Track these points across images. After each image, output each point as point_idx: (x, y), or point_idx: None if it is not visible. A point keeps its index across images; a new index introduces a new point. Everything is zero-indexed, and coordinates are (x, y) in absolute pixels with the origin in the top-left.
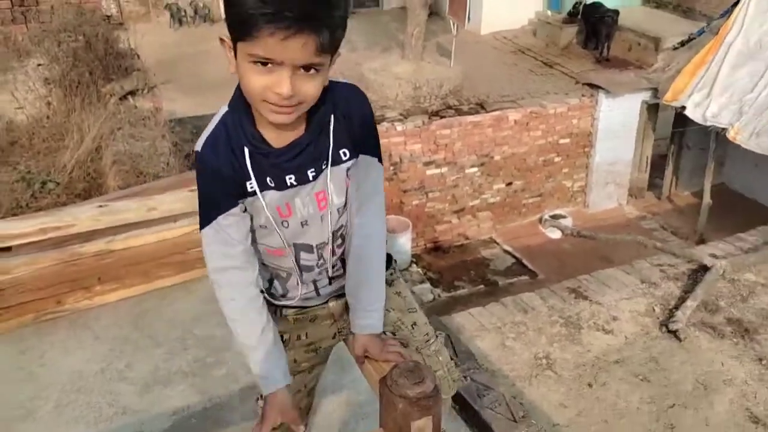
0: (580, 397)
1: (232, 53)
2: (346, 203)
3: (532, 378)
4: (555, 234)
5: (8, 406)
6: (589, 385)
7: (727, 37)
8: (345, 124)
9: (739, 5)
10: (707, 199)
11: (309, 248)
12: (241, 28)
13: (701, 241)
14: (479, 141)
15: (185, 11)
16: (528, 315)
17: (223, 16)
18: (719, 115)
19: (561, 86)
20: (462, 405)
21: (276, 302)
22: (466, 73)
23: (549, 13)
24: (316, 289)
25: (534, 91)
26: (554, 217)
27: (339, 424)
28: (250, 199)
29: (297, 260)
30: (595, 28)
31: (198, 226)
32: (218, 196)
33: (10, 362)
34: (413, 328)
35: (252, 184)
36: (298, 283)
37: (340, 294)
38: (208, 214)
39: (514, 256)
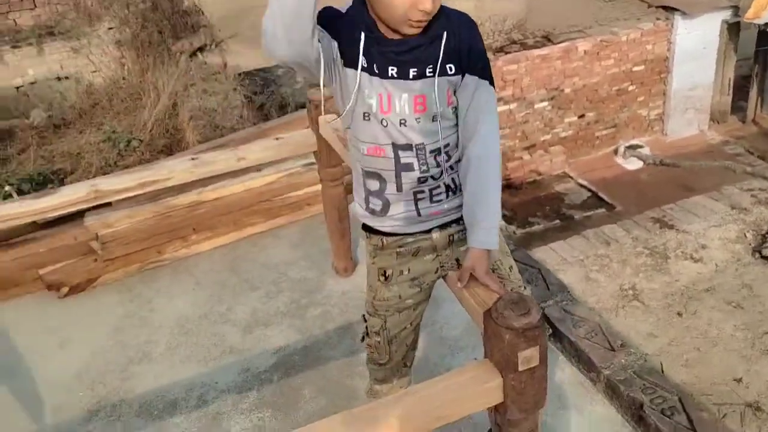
0: (669, 327)
1: None
2: (449, 119)
3: (618, 309)
4: (632, 165)
5: (125, 350)
6: (679, 315)
7: None
8: (455, 43)
9: None
10: None
11: (408, 147)
12: None
13: None
14: (548, 74)
15: None
16: (611, 247)
17: None
18: None
19: (631, 11)
20: (558, 336)
21: (377, 225)
22: (530, 5)
23: None
24: (417, 207)
25: (603, 19)
26: (631, 147)
27: (436, 357)
28: (355, 72)
29: (397, 157)
30: None
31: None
32: (333, 16)
33: (121, 310)
34: (510, 271)
35: (362, 60)
36: (396, 192)
37: (443, 224)
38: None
39: (589, 190)
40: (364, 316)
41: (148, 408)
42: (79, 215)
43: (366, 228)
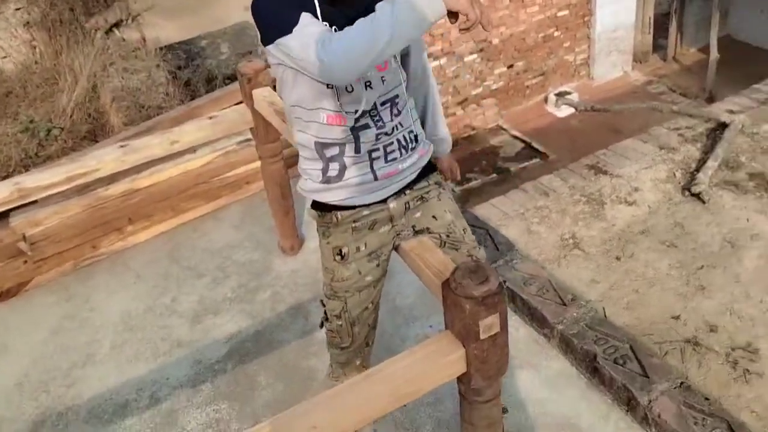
0: (609, 272)
1: None
2: (398, 72)
3: (561, 259)
4: (563, 112)
5: (67, 353)
6: (617, 259)
7: None
8: None
9: None
10: (714, 53)
11: (365, 113)
12: None
13: (711, 98)
14: None
15: None
16: (550, 198)
17: None
18: None
19: None
20: (510, 295)
21: (331, 199)
22: None
23: None
24: (372, 169)
25: None
26: (560, 94)
27: (391, 328)
28: None
29: (355, 124)
30: None
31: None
32: (288, 6)
33: (59, 311)
34: (464, 232)
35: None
36: (354, 154)
37: (398, 192)
38: (282, 26)
39: (523, 141)
40: (321, 301)
41: (97, 413)
42: (2, 216)
43: (317, 206)
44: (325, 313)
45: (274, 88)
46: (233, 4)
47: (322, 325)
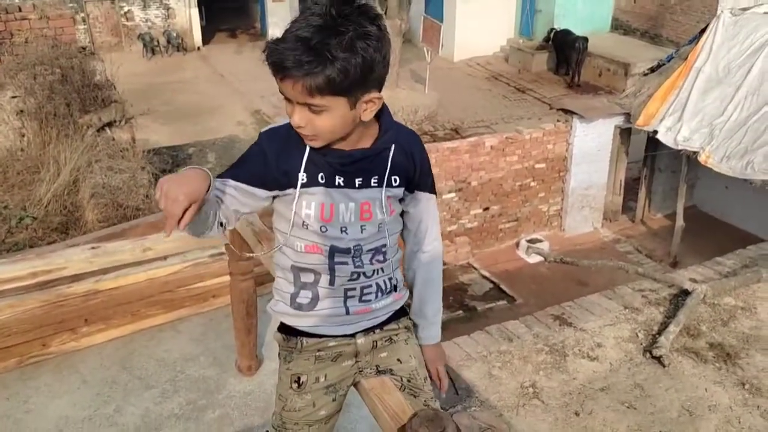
0: (567, 427)
1: None
2: (388, 225)
3: (519, 407)
4: (533, 259)
5: None
6: (576, 414)
7: (695, 63)
8: (404, 158)
9: (707, 32)
10: (680, 221)
11: (347, 250)
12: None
13: (675, 263)
14: (456, 167)
15: (158, 41)
16: (513, 343)
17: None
18: (690, 138)
19: (534, 111)
20: None
21: (300, 324)
22: (441, 99)
23: (520, 40)
24: (345, 305)
25: (508, 117)
26: (531, 241)
27: None
28: (294, 191)
29: (331, 256)
30: (566, 55)
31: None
32: (247, 166)
33: None
34: (425, 381)
35: (303, 176)
36: (329, 286)
37: (368, 329)
38: (226, 171)
39: (492, 281)
40: (267, 431)
41: None
42: None
43: (283, 329)
44: None
45: None
46: (228, 116)
47: None
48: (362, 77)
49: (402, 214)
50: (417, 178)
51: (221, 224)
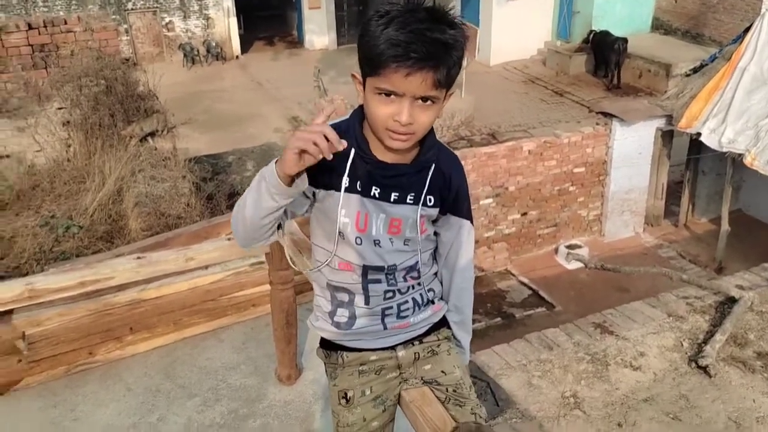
0: None
1: (362, 86)
2: (420, 243)
3: (560, 418)
4: (572, 265)
5: None
6: (619, 425)
7: (740, 63)
8: (442, 179)
9: (751, 30)
10: (725, 225)
11: (380, 268)
12: (371, 65)
13: (720, 269)
14: (494, 172)
15: (198, 50)
16: (553, 352)
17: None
18: (735, 140)
19: (573, 115)
20: None
21: (339, 340)
22: (477, 103)
23: (558, 42)
24: (383, 321)
25: (546, 120)
26: (570, 247)
27: None
28: (336, 193)
29: (365, 274)
30: (605, 56)
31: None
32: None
33: (42, 416)
34: (470, 390)
35: (345, 180)
36: (364, 305)
37: (409, 341)
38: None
39: (530, 288)
40: None
41: None
42: (7, 310)
43: (324, 344)
44: None
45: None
46: (266, 124)
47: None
48: (459, 69)
49: (435, 234)
50: (452, 201)
51: (279, 226)
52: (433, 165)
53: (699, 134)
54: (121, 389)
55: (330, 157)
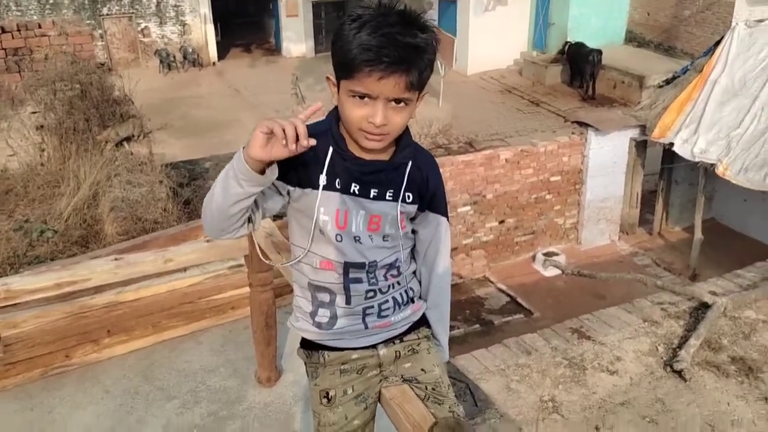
0: None
1: (336, 89)
2: (399, 239)
3: (538, 421)
4: (549, 272)
5: None
6: (597, 429)
7: (711, 75)
8: (419, 176)
9: (722, 43)
10: (698, 234)
11: (361, 265)
12: (344, 68)
13: (694, 276)
14: (471, 180)
15: (174, 56)
16: (531, 356)
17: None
18: (707, 150)
19: (549, 124)
20: None
21: (320, 339)
22: (455, 112)
23: (534, 53)
24: (365, 320)
25: (522, 130)
26: (548, 254)
27: None
28: (313, 191)
29: (346, 273)
30: (580, 67)
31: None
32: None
33: (19, 419)
34: (448, 388)
35: (323, 178)
36: (345, 305)
37: (388, 339)
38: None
39: (508, 295)
40: None
41: None
42: None
43: (305, 344)
44: None
45: (273, 218)
46: (243, 130)
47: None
48: (431, 72)
49: (413, 232)
50: (430, 198)
51: (249, 220)
52: (410, 162)
53: (672, 144)
54: (99, 392)
55: (293, 147)
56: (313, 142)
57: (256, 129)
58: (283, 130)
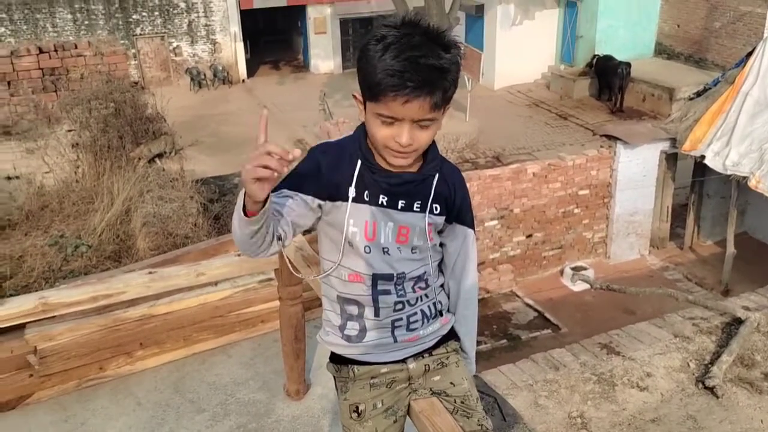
0: None
1: (362, 106)
2: (427, 251)
3: None
4: (577, 287)
5: None
6: None
7: (743, 87)
8: (446, 188)
9: (754, 55)
10: (731, 248)
11: (389, 276)
12: (370, 92)
13: (726, 291)
14: (498, 194)
15: (204, 74)
16: (560, 372)
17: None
18: (739, 163)
19: (577, 138)
20: None
21: (350, 354)
22: (482, 126)
23: (562, 66)
24: (393, 333)
25: (550, 143)
26: (576, 269)
27: None
28: (343, 204)
29: (374, 284)
30: (608, 80)
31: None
32: (300, 175)
33: (53, 430)
34: (477, 402)
35: (351, 190)
36: (374, 318)
37: (419, 353)
38: (281, 183)
39: (536, 310)
40: None
41: None
42: (19, 326)
43: (334, 358)
44: None
45: (303, 233)
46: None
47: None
48: (455, 89)
49: (440, 245)
50: (456, 210)
51: (279, 238)
52: (437, 174)
53: (703, 157)
54: (131, 404)
55: (283, 170)
56: (297, 152)
57: (245, 183)
58: (266, 166)
